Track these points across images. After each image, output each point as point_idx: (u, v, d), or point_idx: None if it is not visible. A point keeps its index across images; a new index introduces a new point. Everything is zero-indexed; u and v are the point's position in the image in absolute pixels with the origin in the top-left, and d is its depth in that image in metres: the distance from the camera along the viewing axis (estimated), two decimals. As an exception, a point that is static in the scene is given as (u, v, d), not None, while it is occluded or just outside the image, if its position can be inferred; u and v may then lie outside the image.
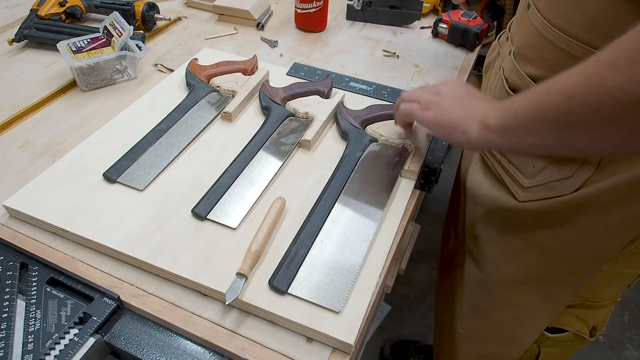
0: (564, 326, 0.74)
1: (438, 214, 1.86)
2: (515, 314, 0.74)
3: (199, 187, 0.63)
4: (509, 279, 0.71)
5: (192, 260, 0.55)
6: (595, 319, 0.74)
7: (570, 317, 0.73)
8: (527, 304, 0.71)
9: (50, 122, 0.77)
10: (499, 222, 0.68)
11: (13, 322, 0.50)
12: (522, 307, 0.72)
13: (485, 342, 0.82)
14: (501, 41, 0.72)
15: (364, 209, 0.61)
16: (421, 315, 1.53)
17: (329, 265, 0.55)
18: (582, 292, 0.69)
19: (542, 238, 0.63)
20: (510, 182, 0.64)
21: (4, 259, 0.56)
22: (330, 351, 0.49)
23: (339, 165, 0.67)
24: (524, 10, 0.61)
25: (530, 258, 0.66)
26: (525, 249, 0.66)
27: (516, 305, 0.73)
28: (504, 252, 0.69)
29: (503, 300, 0.74)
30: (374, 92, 0.84)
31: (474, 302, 0.80)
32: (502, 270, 0.71)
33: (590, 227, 0.59)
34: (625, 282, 0.69)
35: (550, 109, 0.44)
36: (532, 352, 0.80)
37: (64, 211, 0.59)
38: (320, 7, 1.00)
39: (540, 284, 0.68)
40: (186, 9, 1.13)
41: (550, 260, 0.65)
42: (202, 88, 0.79)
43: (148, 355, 0.50)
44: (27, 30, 0.93)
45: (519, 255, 0.67)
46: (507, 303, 0.74)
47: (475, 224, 0.72)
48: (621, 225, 0.57)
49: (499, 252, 0.70)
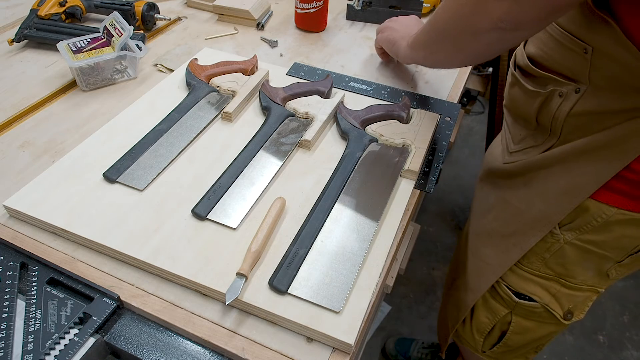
0: (531, 295, 0.76)
1: (438, 214, 1.86)
2: (476, 263, 0.84)
3: (199, 187, 0.64)
4: (480, 229, 0.83)
5: (192, 260, 0.55)
6: (572, 302, 0.75)
7: (538, 287, 0.75)
8: (485, 255, 0.81)
9: (50, 122, 0.77)
10: (488, 181, 0.81)
11: (13, 322, 0.50)
12: (481, 257, 0.82)
13: (456, 289, 0.93)
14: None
15: (364, 209, 0.61)
16: (421, 315, 1.53)
17: (329, 265, 0.55)
18: (552, 264, 0.72)
19: (509, 196, 0.74)
20: (504, 148, 0.77)
21: (4, 259, 0.56)
22: (330, 351, 0.49)
23: (339, 165, 0.67)
24: None
25: (497, 212, 0.77)
26: (496, 205, 0.78)
27: (478, 255, 0.83)
28: (483, 207, 0.82)
29: (471, 249, 0.86)
30: (374, 92, 0.84)
31: (456, 255, 0.94)
32: (477, 222, 0.84)
33: (541, 189, 0.68)
34: (601, 267, 0.70)
35: (428, 31, 0.64)
36: (505, 321, 0.83)
37: (64, 211, 0.59)
38: (320, 7, 1.00)
39: (499, 237, 0.77)
40: (186, 9, 1.13)
41: (509, 216, 0.74)
42: (202, 88, 0.79)
43: (148, 355, 0.50)
44: (27, 30, 0.93)
45: (491, 210, 0.79)
46: (473, 252, 0.85)
47: (476, 186, 0.87)
48: (565, 190, 0.64)
49: (481, 207, 0.83)
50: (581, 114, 0.60)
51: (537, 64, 0.67)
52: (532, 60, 0.67)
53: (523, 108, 0.70)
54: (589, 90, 0.59)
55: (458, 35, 0.56)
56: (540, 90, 0.65)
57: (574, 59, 0.59)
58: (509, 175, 0.74)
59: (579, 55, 0.58)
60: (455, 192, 1.94)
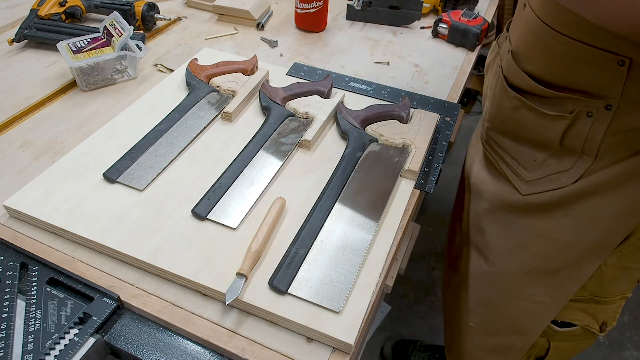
0: (572, 320, 0.74)
1: (438, 214, 1.86)
2: (522, 305, 0.75)
3: (199, 187, 0.64)
4: (515, 271, 0.72)
5: (192, 260, 0.55)
6: (606, 315, 0.74)
7: (578, 311, 0.73)
8: (533, 295, 0.72)
9: (50, 122, 0.77)
10: (504, 216, 0.70)
11: (13, 322, 0.50)
12: (528, 298, 0.73)
13: (495, 334, 0.83)
14: (500, 41, 0.74)
15: (364, 209, 0.61)
16: (421, 315, 1.53)
17: (329, 265, 0.55)
18: (589, 287, 0.69)
19: (546, 229, 0.65)
20: (513, 177, 0.67)
21: (4, 259, 0.56)
22: (330, 351, 0.49)
23: (339, 165, 0.67)
24: (520, 10, 0.63)
25: (535, 249, 0.68)
26: (530, 241, 0.68)
27: (523, 297, 0.74)
28: (509, 245, 0.71)
29: (510, 292, 0.75)
30: (374, 92, 0.84)
31: (483, 295, 0.81)
32: (508, 262, 0.73)
33: (591, 217, 0.61)
34: (634, 277, 0.69)
35: None
36: (542, 347, 0.81)
37: (64, 211, 0.59)
38: (320, 7, 1.00)
39: (545, 274, 0.69)
40: (186, 9, 1.13)
41: (553, 251, 0.66)
42: (202, 88, 0.79)
43: (148, 355, 0.50)
44: (27, 30, 0.93)
45: (524, 247, 0.69)
46: (514, 295, 0.75)
47: (481, 219, 0.75)
48: (621, 214, 0.59)
49: (505, 245, 0.72)
50: (620, 132, 0.55)
51: (546, 83, 0.59)
52: (539, 80, 0.59)
53: (539, 132, 0.62)
54: (623, 105, 0.53)
55: None
56: (565, 114, 0.57)
57: (603, 74, 0.53)
58: (539, 208, 0.65)
59: (609, 69, 0.52)
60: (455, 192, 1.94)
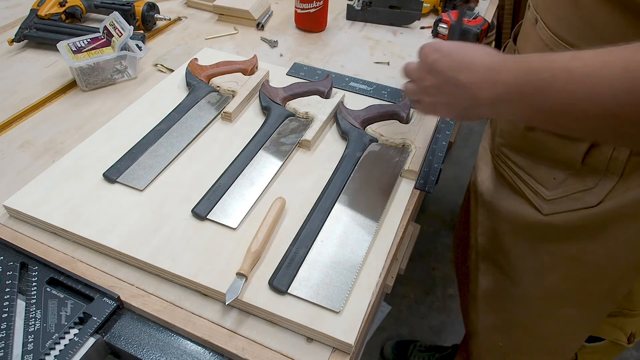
0: (601, 335, 0.73)
1: (438, 214, 1.86)
2: (556, 326, 0.73)
3: (199, 187, 0.63)
4: (546, 293, 0.70)
5: (192, 260, 0.55)
6: (634, 327, 0.73)
7: (607, 325, 0.72)
8: (567, 316, 0.71)
9: (50, 122, 0.77)
10: (529, 238, 0.67)
11: (13, 322, 0.50)
12: (562, 319, 0.72)
13: (528, 354, 0.82)
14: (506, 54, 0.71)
15: (364, 209, 0.61)
16: (421, 315, 1.53)
17: (329, 265, 0.55)
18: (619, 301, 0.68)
19: (575, 252, 0.63)
20: (532, 195, 0.63)
21: (4, 259, 0.56)
22: (330, 351, 0.49)
23: (339, 165, 0.67)
24: (531, 25, 0.60)
25: (566, 272, 0.66)
26: (559, 264, 0.65)
27: (556, 318, 0.72)
28: (537, 267, 0.69)
29: (542, 313, 0.73)
30: (374, 92, 0.84)
31: (513, 316, 0.78)
32: (538, 284, 0.70)
33: (622, 239, 0.58)
34: None
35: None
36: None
37: (64, 211, 0.59)
38: (320, 7, 1.00)
39: (579, 296, 0.67)
40: (186, 9, 1.13)
41: (586, 274, 0.64)
42: (202, 88, 0.79)
43: (148, 355, 0.50)
44: (27, 30, 0.93)
45: (554, 270, 0.67)
46: (547, 316, 0.73)
47: (503, 239, 0.71)
48: None
49: (533, 267, 0.69)
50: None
51: None
52: None
53: (559, 152, 0.59)
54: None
55: None
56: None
57: None
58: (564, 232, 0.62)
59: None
60: (455, 192, 1.94)
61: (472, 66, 0.48)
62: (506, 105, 0.46)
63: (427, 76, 0.53)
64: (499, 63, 0.47)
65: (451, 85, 0.50)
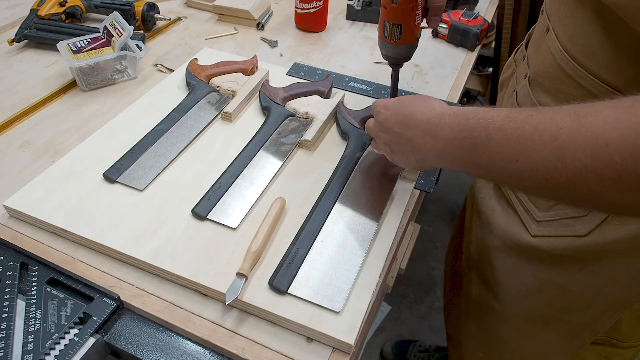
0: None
1: (438, 214, 1.86)
2: (535, 348, 0.73)
3: (199, 187, 0.63)
4: (528, 314, 0.69)
5: (192, 260, 0.55)
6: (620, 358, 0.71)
7: (592, 353, 0.71)
8: (547, 340, 0.70)
9: (50, 122, 0.77)
10: (516, 257, 0.66)
11: (13, 322, 0.50)
12: (542, 342, 0.71)
13: None
14: (517, 59, 0.69)
15: (364, 209, 0.61)
16: (421, 315, 1.53)
17: (329, 265, 0.55)
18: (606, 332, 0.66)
19: (560, 280, 0.62)
20: (523, 212, 0.63)
21: (4, 259, 0.56)
22: (330, 351, 0.49)
23: (339, 165, 0.67)
24: (543, 33, 0.58)
25: (549, 298, 0.65)
26: (543, 288, 0.65)
27: (536, 340, 0.72)
28: (521, 288, 0.68)
29: (522, 333, 0.73)
30: (374, 92, 0.84)
31: (494, 330, 0.78)
32: (520, 305, 0.70)
33: (610, 275, 0.57)
34: None
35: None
36: None
37: (64, 211, 0.59)
38: (320, 7, 1.00)
39: (560, 322, 0.67)
40: (186, 9, 1.13)
41: (569, 303, 0.63)
42: (202, 88, 0.79)
43: (148, 355, 0.50)
44: (27, 30, 0.93)
45: (537, 294, 0.66)
46: (527, 337, 0.72)
47: (491, 253, 0.71)
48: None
49: (517, 287, 0.69)
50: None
51: None
52: None
53: None
54: None
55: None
56: None
57: None
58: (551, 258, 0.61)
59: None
60: (455, 192, 1.94)
61: (414, 122, 0.51)
62: (449, 159, 0.48)
63: (380, 134, 0.58)
64: (438, 117, 0.48)
65: (401, 140, 0.54)
